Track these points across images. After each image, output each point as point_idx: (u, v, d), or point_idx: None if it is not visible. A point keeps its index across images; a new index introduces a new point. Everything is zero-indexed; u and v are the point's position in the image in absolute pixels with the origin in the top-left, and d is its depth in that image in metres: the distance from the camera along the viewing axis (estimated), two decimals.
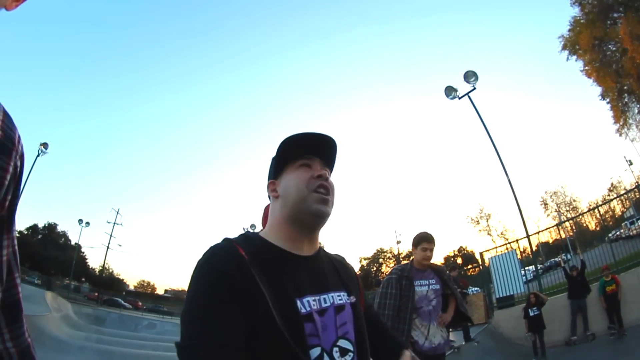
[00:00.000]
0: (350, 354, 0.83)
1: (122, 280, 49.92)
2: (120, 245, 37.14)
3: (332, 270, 0.93)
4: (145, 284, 57.69)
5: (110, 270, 47.16)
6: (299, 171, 0.90)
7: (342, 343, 0.83)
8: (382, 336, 1.04)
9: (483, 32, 66.36)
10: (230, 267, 0.72)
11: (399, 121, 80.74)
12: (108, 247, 35.04)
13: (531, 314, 8.07)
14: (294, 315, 0.75)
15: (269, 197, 0.98)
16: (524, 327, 8.41)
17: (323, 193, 0.88)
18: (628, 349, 6.76)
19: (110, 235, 35.11)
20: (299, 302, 0.77)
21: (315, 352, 0.76)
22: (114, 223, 35.43)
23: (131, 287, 52.56)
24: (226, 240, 0.81)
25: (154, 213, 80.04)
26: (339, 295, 0.87)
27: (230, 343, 0.67)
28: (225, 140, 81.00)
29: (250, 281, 0.72)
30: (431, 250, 2.79)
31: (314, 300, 0.81)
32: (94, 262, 47.53)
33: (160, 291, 56.55)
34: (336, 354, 0.80)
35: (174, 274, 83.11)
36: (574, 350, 7.93)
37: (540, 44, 56.10)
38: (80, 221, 34.09)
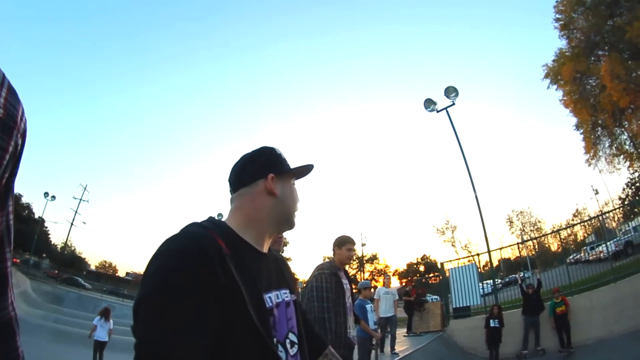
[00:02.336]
0: (296, 346, 0.90)
1: (84, 259, 48.24)
2: (84, 223, 35.19)
3: (278, 268, 0.97)
4: (106, 265, 55.64)
5: (73, 248, 45.49)
6: (294, 189, 0.99)
7: (291, 336, 0.89)
8: (308, 331, 1.07)
9: (470, 45, 67.87)
10: (213, 262, 0.69)
11: (374, 126, 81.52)
12: (72, 224, 33.60)
13: (492, 324, 8.32)
14: (264, 309, 0.78)
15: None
16: (478, 337, 8.68)
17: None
18: None
19: (76, 212, 33.68)
20: (265, 297, 0.81)
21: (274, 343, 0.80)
22: (80, 199, 33.98)
23: (92, 267, 50.73)
24: (202, 227, 0.77)
25: (121, 193, 78.42)
26: (285, 292, 0.93)
27: (200, 345, 0.64)
28: (199, 127, 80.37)
29: (229, 277, 0.71)
30: (354, 251, 3.05)
31: (273, 296, 0.86)
32: (57, 238, 45.58)
33: (121, 273, 54.77)
34: (288, 346, 0.86)
35: (136, 257, 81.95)
36: None
37: (525, 65, 58.15)
38: (46, 194, 32.73)
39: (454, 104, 13.02)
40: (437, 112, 13.43)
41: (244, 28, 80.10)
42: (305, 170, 1.02)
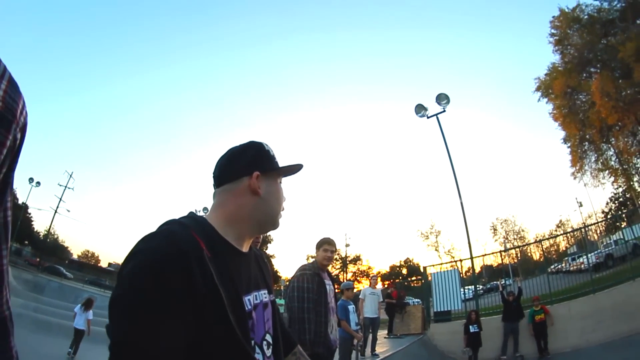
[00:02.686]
0: (271, 347, 0.90)
1: (67, 248, 47.36)
2: (69, 211, 34.58)
3: (258, 268, 0.96)
4: (89, 255, 54.83)
5: (56, 236, 44.51)
6: (280, 188, 0.95)
7: (268, 337, 0.89)
8: (280, 330, 1.08)
9: (464, 52, 68.58)
10: (191, 264, 0.67)
11: (363, 128, 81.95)
12: (56, 211, 32.93)
13: (471, 330, 8.42)
14: (242, 313, 0.76)
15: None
16: (458, 341, 8.76)
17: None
18: None
19: (60, 199, 32.95)
20: (244, 300, 0.79)
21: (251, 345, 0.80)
22: (66, 187, 33.27)
23: (75, 257, 49.77)
24: (182, 225, 0.74)
25: (108, 183, 77.22)
26: (263, 293, 0.91)
27: (173, 349, 0.63)
28: (189, 122, 79.80)
29: (208, 280, 0.69)
30: (332, 252, 3.04)
31: (252, 298, 0.84)
32: (40, 225, 44.63)
33: (104, 264, 53.85)
34: (265, 347, 0.86)
35: (119, 248, 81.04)
36: None
37: (517, 76, 59.33)
38: (31, 180, 31.88)
39: (444, 110, 13.14)
40: (428, 117, 13.54)
41: (236, 24, 79.57)
42: (293, 169, 0.98)
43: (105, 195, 74.98)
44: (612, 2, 18.86)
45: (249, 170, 0.88)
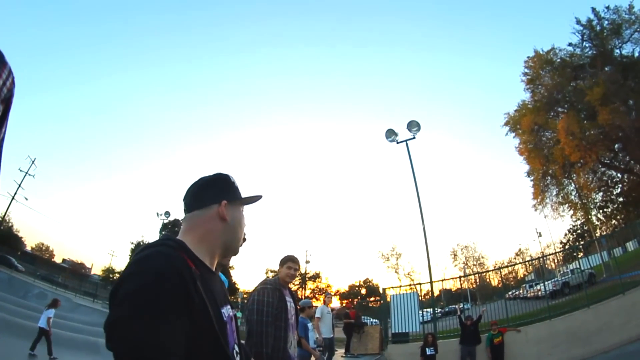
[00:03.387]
0: (239, 357, 0.98)
1: (21, 238, 43.90)
2: (27, 199, 32.36)
3: (223, 287, 1.05)
4: (43, 248, 51.22)
5: (10, 224, 41.51)
6: (243, 216, 1.06)
7: (236, 347, 0.96)
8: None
9: (438, 77, 72.00)
10: (188, 283, 0.75)
11: (331, 147, 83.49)
12: (13, 198, 30.89)
13: (428, 352, 8.49)
14: (222, 324, 0.85)
15: (200, 206, 0.98)
16: None
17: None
18: None
19: (19, 185, 31.03)
20: (222, 312, 0.89)
21: None
22: (27, 173, 31.43)
23: (28, 248, 46.41)
24: (171, 248, 0.82)
25: (72, 177, 76.01)
26: (229, 308, 0.99)
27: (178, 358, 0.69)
28: (160, 126, 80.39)
29: (199, 296, 0.77)
30: (295, 270, 3.07)
31: (225, 311, 0.93)
32: None
33: (58, 259, 50.96)
34: (236, 356, 0.93)
35: (75, 244, 77.30)
36: None
37: (487, 106, 62.76)
38: None
39: (414, 137, 13.52)
40: (397, 143, 13.87)
41: (212, 32, 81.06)
42: (254, 199, 1.10)
43: (68, 189, 72.35)
44: (584, 49, 20.36)
45: (218, 198, 0.98)
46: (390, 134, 13.97)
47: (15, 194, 30.83)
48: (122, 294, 0.71)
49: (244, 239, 1.09)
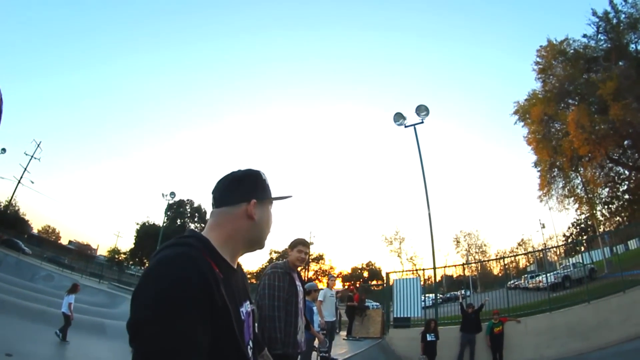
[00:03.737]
0: (253, 351, 1.00)
1: (27, 221, 44.61)
2: (32, 182, 32.75)
3: (242, 281, 1.04)
4: (50, 230, 52.05)
5: (17, 208, 42.13)
6: (271, 214, 1.06)
7: (252, 343, 0.98)
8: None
9: (448, 64, 71.41)
10: (212, 286, 0.76)
11: (337, 129, 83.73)
12: (19, 181, 31.30)
13: (428, 338, 8.56)
14: (241, 323, 0.88)
15: (229, 202, 0.98)
16: (416, 348, 8.91)
17: None
18: None
19: (25, 169, 31.39)
20: (241, 311, 0.91)
21: None
22: (32, 156, 31.74)
23: (35, 231, 47.11)
24: (194, 248, 0.82)
25: (76, 159, 76.48)
26: (248, 304, 1.00)
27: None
28: (165, 109, 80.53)
29: (221, 298, 0.79)
30: (306, 253, 3.03)
31: (243, 309, 0.94)
32: (0, 195, 42.17)
33: (64, 241, 51.78)
34: (250, 352, 0.94)
35: (81, 226, 78.54)
36: None
37: (497, 95, 62.18)
38: None
39: (423, 122, 13.39)
40: (405, 127, 13.76)
41: (213, 15, 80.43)
42: (284, 198, 1.10)
43: (73, 172, 73.29)
44: (599, 42, 19.85)
45: (247, 197, 0.98)
46: (399, 117, 13.83)
47: (22, 177, 31.30)
48: (148, 296, 0.72)
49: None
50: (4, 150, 30.66)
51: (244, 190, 0.99)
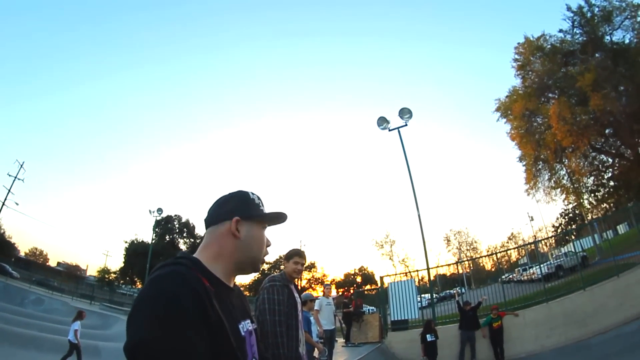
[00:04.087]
0: None
1: (14, 244, 43.27)
2: (17, 204, 31.83)
3: (240, 301, 1.03)
4: (37, 253, 50.63)
5: (2, 231, 40.89)
6: (262, 234, 1.04)
7: None
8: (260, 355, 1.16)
9: (429, 65, 72.48)
10: (204, 302, 0.76)
11: (324, 135, 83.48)
12: (4, 203, 30.41)
13: (428, 339, 8.57)
14: (240, 338, 0.87)
15: (216, 222, 0.98)
16: (416, 349, 8.92)
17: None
18: None
19: (9, 190, 30.52)
20: (240, 327, 0.90)
21: None
22: (16, 177, 30.91)
23: (22, 254, 45.78)
24: (184, 267, 0.83)
25: (62, 179, 75.36)
26: (248, 322, 0.99)
27: None
28: (150, 126, 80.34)
29: (215, 313, 0.78)
30: (302, 265, 2.95)
31: (242, 326, 0.93)
32: None
33: (52, 263, 50.20)
34: None
35: (69, 247, 77.05)
36: None
37: (478, 93, 63.18)
38: None
39: (406, 124, 13.52)
40: (389, 130, 13.86)
41: (204, 26, 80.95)
42: (277, 218, 1.08)
43: (59, 192, 72.11)
44: (575, 36, 20.42)
45: (230, 215, 0.98)
46: (382, 121, 13.94)
47: (6, 199, 30.36)
48: (141, 316, 0.72)
49: (266, 254, 1.06)
50: None
51: (227, 209, 0.99)
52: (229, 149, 76.11)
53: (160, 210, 31.44)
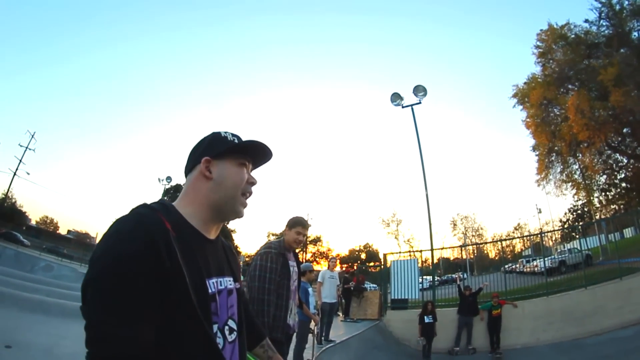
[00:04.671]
0: (234, 332, 0.92)
1: (24, 213, 44.30)
2: (28, 174, 32.37)
3: (225, 256, 0.98)
4: (48, 221, 51.75)
5: (13, 200, 41.91)
6: (238, 169, 0.95)
7: (230, 323, 0.91)
8: (248, 321, 1.08)
9: (447, 46, 70.68)
10: (159, 245, 0.71)
11: (334, 110, 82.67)
12: (15, 173, 31.04)
13: (426, 320, 8.62)
14: (205, 294, 0.79)
15: (190, 168, 0.94)
16: (413, 329, 9.00)
17: (247, 199, 0.97)
18: None
19: (20, 160, 31.10)
20: (208, 283, 0.82)
21: (214, 329, 0.82)
22: (27, 147, 31.43)
23: (33, 222, 46.90)
24: (149, 208, 0.79)
25: (72, 147, 75.27)
26: (229, 280, 0.94)
27: (146, 331, 0.67)
28: (162, 94, 79.18)
29: (173, 258, 0.72)
30: (304, 235, 2.87)
31: (216, 282, 0.87)
32: None
33: (62, 231, 51.41)
34: (227, 332, 0.89)
35: (79, 215, 78.95)
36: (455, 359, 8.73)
37: (496, 78, 61.81)
38: None
39: (420, 102, 13.22)
40: (403, 107, 13.58)
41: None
42: (254, 150, 0.98)
43: (69, 160, 72.79)
44: (601, 28, 19.56)
45: (199, 158, 0.93)
46: (396, 97, 13.68)
47: (17, 169, 31.02)
48: (94, 256, 0.70)
49: (247, 195, 0.96)
50: None
51: (199, 153, 0.94)
52: (241, 118, 75.69)
53: (169, 178, 31.86)
